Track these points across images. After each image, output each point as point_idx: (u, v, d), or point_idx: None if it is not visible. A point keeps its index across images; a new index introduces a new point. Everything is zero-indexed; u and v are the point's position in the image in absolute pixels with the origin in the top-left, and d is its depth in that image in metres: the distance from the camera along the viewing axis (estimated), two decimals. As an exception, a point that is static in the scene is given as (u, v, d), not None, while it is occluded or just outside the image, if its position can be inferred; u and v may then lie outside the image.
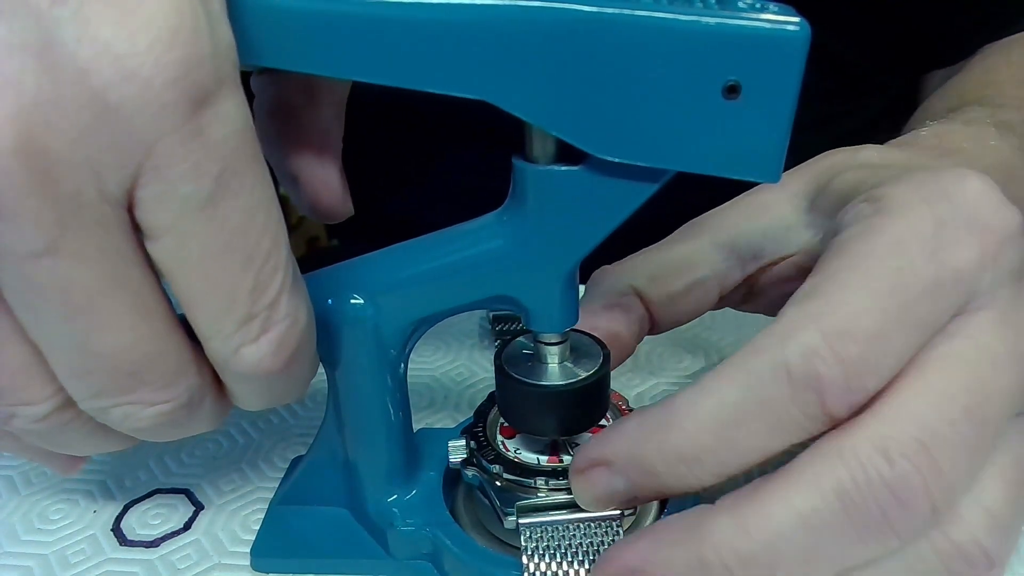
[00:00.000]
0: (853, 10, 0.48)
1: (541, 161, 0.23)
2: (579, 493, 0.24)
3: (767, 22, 0.19)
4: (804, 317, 0.21)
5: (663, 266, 0.31)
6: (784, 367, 0.20)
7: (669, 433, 0.22)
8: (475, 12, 0.20)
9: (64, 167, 0.18)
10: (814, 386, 0.20)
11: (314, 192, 0.29)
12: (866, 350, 0.20)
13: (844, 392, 0.20)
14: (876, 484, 0.19)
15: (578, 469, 0.24)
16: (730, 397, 0.21)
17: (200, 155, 0.18)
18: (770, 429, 0.21)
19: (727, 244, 0.30)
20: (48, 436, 0.23)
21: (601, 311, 0.30)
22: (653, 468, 0.22)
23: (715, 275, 0.31)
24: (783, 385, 0.20)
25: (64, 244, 0.18)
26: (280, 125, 0.29)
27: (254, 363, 0.21)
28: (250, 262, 0.20)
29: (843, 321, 0.20)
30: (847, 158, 0.29)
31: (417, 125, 0.53)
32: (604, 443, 0.23)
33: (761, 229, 0.30)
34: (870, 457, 0.19)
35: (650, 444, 0.22)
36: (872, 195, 0.23)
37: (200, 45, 0.18)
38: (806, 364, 0.20)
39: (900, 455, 0.19)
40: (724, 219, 0.31)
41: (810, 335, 0.20)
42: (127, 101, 0.17)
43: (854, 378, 0.20)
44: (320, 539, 0.29)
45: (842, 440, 0.20)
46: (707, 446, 0.21)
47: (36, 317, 0.20)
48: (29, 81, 0.17)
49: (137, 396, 0.21)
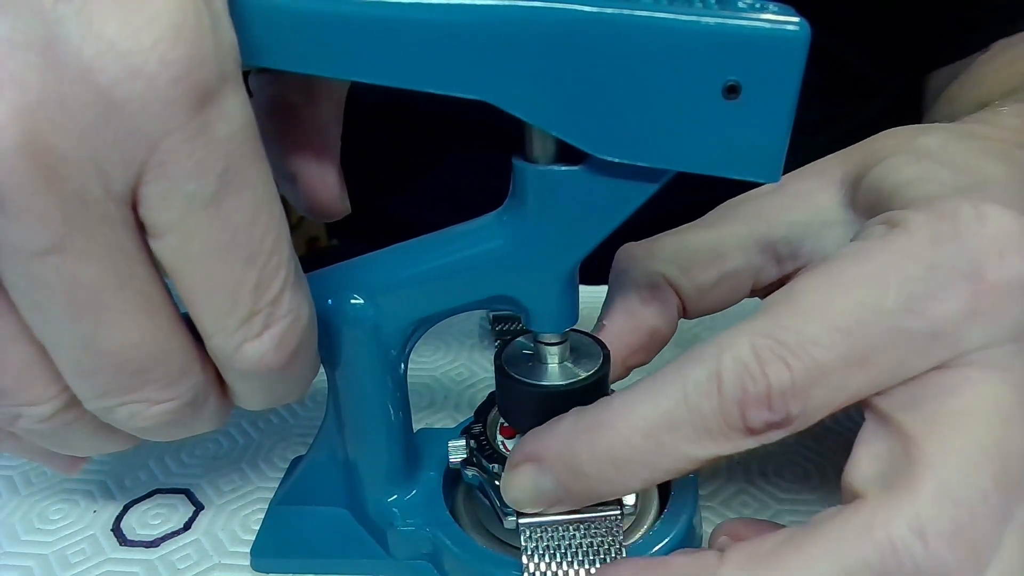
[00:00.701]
0: (854, 10, 0.48)
1: (541, 161, 0.23)
2: (507, 489, 0.24)
3: (767, 22, 0.19)
4: (748, 331, 0.21)
5: (694, 254, 0.30)
6: (716, 377, 0.20)
7: (601, 433, 0.21)
8: (475, 13, 0.20)
9: (69, 164, 0.18)
10: (739, 399, 0.20)
11: (312, 190, 0.29)
12: (798, 378, 0.20)
13: (764, 409, 0.20)
14: (908, 569, 0.18)
15: (511, 464, 0.24)
16: (665, 402, 0.21)
17: (204, 153, 0.18)
18: (698, 436, 0.20)
19: (763, 235, 0.29)
20: (52, 436, 0.23)
21: (639, 307, 0.29)
22: (581, 468, 0.22)
23: (749, 268, 0.29)
24: (713, 395, 0.20)
25: (69, 242, 0.18)
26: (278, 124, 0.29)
27: (256, 359, 0.21)
28: (253, 259, 0.20)
29: (781, 345, 0.20)
30: (900, 143, 0.28)
31: (417, 125, 0.53)
32: (537, 440, 0.23)
33: (801, 222, 0.29)
34: (904, 538, 0.18)
35: (581, 443, 0.22)
36: (891, 218, 0.22)
37: (204, 43, 0.18)
38: (735, 378, 0.20)
39: (936, 538, 0.18)
40: (761, 205, 0.30)
41: (745, 350, 0.20)
42: (131, 98, 0.17)
43: (778, 399, 0.20)
44: (320, 539, 0.29)
45: (872, 514, 0.19)
46: (638, 448, 0.21)
47: (42, 315, 0.20)
48: (33, 79, 0.17)
49: (142, 395, 0.21)
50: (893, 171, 0.26)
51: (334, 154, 0.29)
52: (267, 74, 0.29)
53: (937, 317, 0.20)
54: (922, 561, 0.18)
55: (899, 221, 0.22)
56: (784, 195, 0.29)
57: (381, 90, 0.21)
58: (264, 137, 0.20)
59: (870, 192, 0.26)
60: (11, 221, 0.18)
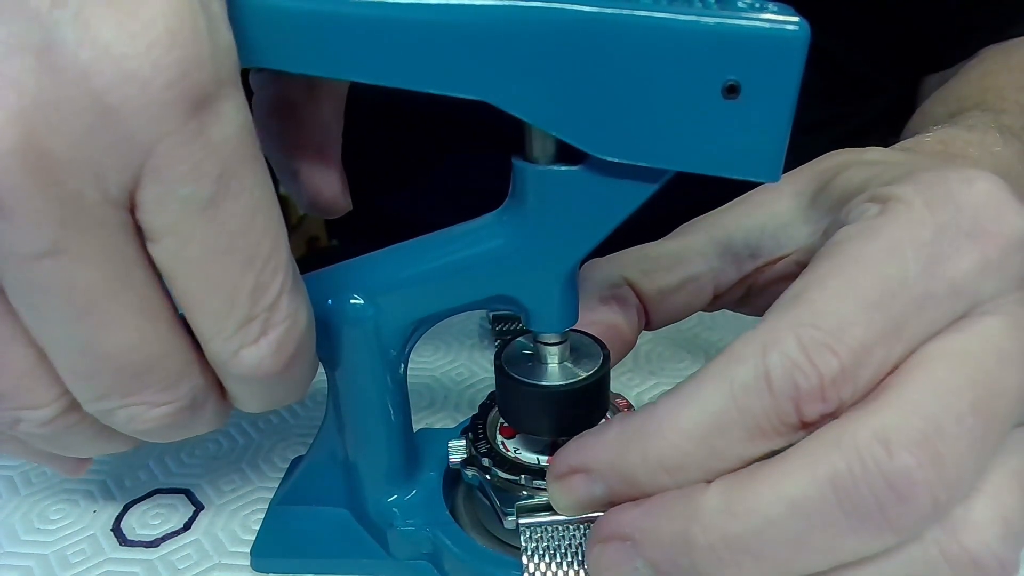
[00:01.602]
0: (854, 11, 0.48)
1: (541, 161, 0.23)
2: (557, 498, 0.24)
3: (766, 22, 0.19)
4: (787, 324, 0.21)
5: (656, 260, 0.31)
6: (765, 377, 0.20)
7: (651, 441, 0.21)
8: (475, 13, 0.20)
9: (65, 168, 0.18)
10: (792, 395, 0.20)
11: (314, 187, 0.29)
12: (847, 362, 0.20)
13: (818, 403, 0.20)
14: (873, 475, 0.19)
15: (558, 474, 0.24)
16: (712, 406, 0.21)
17: (200, 156, 0.18)
18: (751, 436, 0.20)
19: (722, 241, 0.30)
20: (53, 439, 0.23)
21: (598, 304, 0.30)
22: (634, 477, 0.22)
23: (709, 271, 0.30)
24: (764, 395, 0.20)
25: (67, 245, 0.18)
26: (280, 122, 0.29)
27: (253, 365, 0.21)
28: (250, 263, 0.20)
29: (825, 333, 0.20)
30: (852, 157, 0.29)
31: (417, 125, 0.53)
32: (585, 450, 0.23)
33: (758, 226, 0.30)
34: (869, 447, 0.19)
35: (632, 453, 0.22)
36: (878, 194, 0.23)
37: (199, 47, 0.18)
38: (786, 375, 0.20)
39: (901, 447, 0.19)
40: (721, 216, 0.31)
41: (791, 346, 0.20)
42: (127, 102, 0.17)
43: (830, 389, 0.20)
44: (320, 539, 0.29)
45: (842, 428, 0.20)
46: (689, 454, 0.21)
47: (40, 319, 0.20)
48: (30, 83, 0.17)
49: (141, 397, 0.21)
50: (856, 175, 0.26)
51: (335, 151, 0.29)
52: (268, 72, 0.29)
53: (955, 276, 0.21)
54: (886, 468, 0.19)
55: (889, 196, 0.22)
56: (744, 204, 0.31)
57: (381, 90, 0.21)
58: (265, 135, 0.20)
59: (834, 191, 0.27)
60: (7, 224, 0.18)
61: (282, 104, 0.29)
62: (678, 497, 0.21)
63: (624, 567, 0.22)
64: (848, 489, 0.19)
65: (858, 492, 0.19)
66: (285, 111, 0.29)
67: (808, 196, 0.29)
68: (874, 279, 0.21)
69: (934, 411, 0.19)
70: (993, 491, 0.20)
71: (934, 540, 0.20)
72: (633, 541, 0.21)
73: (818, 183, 0.28)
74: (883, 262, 0.21)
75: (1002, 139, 0.35)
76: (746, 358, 0.21)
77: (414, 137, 0.56)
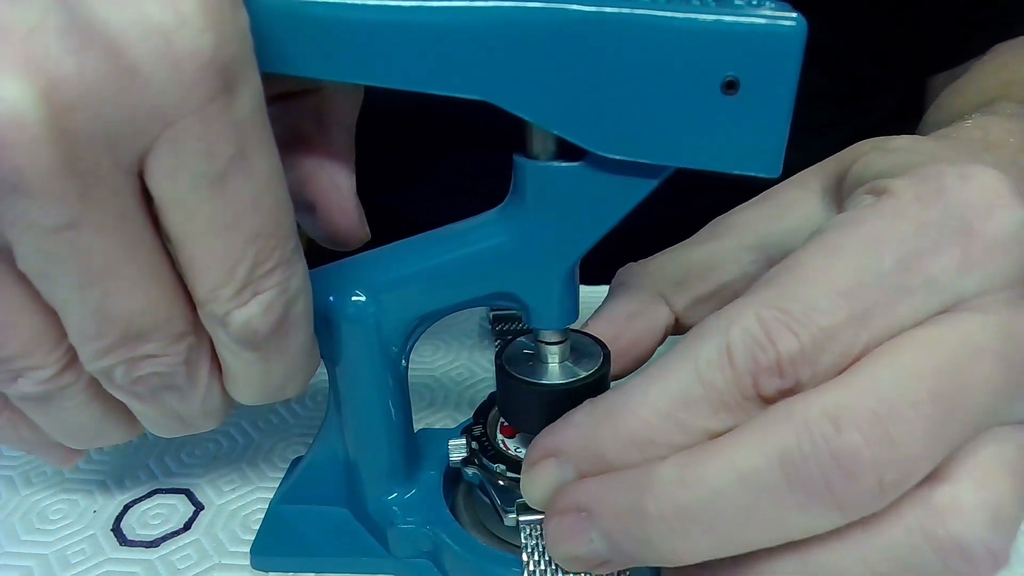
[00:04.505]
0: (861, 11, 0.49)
1: (541, 157, 0.23)
2: (526, 489, 0.24)
3: (764, 17, 0.19)
4: (753, 304, 0.21)
5: (689, 269, 0.30)
6: (727, 351, 0.20)
7: (620, 418, 0.22)
8: (475, 13, 0.20)
9: (86, 141, 0.18)
10: (751, 369, 0.20)
11: (330, 219, 0.29)
12: (806, 344, 0.20)
13: (775, 377, 0.20)
14: (821, 451, 0.19)
15: (529, 463, 0.24)
16: (679, 380, 0.21)
17: (218, 134, 0.19)
18: (715, 410, 0.21)
19: (755, 245, 0.30)
20: (45, 403, 0.23)
21: (625, 322, 0.30)
22: (604, 455, 0.22)
23: (743, 277, 0.30)
24: (726, 368, 0.20)
25: (85, 217, 0.19)
26: (292, 156, 0.29)
27: (243, 322, 0.21)
28: (254, 240, 0.20)
29: (786, 314, 0.20)
30: (876, 143, 0.29)
31: (418, 124, 0.53)
32: (555, 434, 0.23)
33: (790, 229, 0.29)
34: (818, 423, 0.19)
35: (603, 429, 0.22)
36: (876, 186, 0.23)
37: (226, 26, 0.18)
38: (745, 349, 0.20)
39: (851, 424, 0.19)
40: (750, 219, 0.30)
41: (751, 321, 0.20)
42: (155, 77, 0.18)
43: (788, 367, 0.20)
44: (320, 538, 0.29)
45: (794, 404, 0.20)
46: (659, 429, 0.21)
47: (52, 285, 0.20)
48: (59, 57, 0.17)
49: (143, 351, 0.22)
50: (873, 163, 0.26)
51: (350, 181, 0.30)
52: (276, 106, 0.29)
53: (933, 271, 0.20)
54: (833, 444, 0.19)
55: (884, 188, 0.22)
56: (770, 207, 0.30)
57: (382, 90, 0.21)
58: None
59: (851, 181, 0.27)
60: (30, 201, 0.18)
61: (293, 137, 0.29)
62: (636, 470, 0.21)
63: (579, 538, 0.22)
64: (796, 463, 0.19)
65: (805, 467, 0.19)
66: (297, 144, 0.29)
67: (830, 191, 0.28)
68: (847, 268, 0.21)
69: (891, 394, 0.19)
70: (981, 477, 0.20)
71: (918, 524, 0.19)
72: (588, 512, 0.22)
73: (836, 176, 0.28)
74: (860, 252, 0.21)
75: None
76: (710, 335, 0.21)
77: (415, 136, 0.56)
